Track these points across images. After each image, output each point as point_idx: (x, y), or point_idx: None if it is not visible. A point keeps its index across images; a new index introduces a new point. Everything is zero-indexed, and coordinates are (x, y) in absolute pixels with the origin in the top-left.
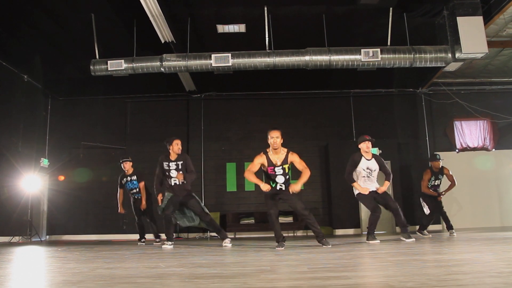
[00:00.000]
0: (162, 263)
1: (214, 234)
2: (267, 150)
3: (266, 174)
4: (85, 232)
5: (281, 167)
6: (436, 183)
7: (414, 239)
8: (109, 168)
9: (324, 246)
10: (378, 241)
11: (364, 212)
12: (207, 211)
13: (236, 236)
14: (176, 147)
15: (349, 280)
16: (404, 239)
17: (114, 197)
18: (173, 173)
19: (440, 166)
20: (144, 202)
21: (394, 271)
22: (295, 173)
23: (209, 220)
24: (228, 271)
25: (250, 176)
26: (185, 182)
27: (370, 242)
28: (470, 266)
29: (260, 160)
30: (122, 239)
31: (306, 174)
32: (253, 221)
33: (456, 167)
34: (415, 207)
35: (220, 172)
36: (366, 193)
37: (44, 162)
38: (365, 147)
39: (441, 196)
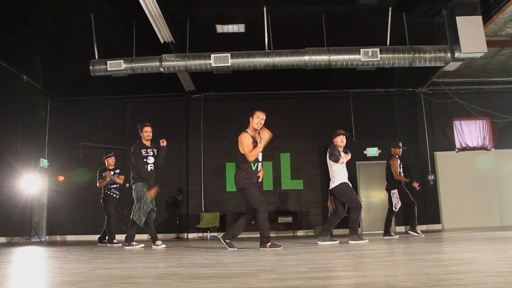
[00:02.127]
0: (162, 263)
1: (214, 234)
2: (246, 130)
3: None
4: (85, 232)
5: None
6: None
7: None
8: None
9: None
10: (367, 241)
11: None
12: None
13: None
14: (145, 133)
15: (349, 280)
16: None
17: None
18: (150, 160)
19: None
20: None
21: (394, 270)
22: (294, 172)
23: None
24: (228, 271)
25: (255, 154)
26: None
27: (360, 242)
28: (470, 266)
29: (250, 139)
30: (121, 239)
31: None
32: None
33: (455, 167)
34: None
35: (220, 172)
36: (346, 159)
37: (44, 162)
38: (340, 140)
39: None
